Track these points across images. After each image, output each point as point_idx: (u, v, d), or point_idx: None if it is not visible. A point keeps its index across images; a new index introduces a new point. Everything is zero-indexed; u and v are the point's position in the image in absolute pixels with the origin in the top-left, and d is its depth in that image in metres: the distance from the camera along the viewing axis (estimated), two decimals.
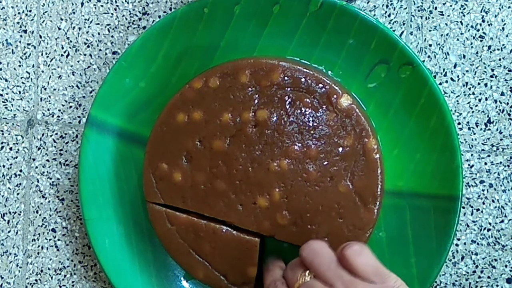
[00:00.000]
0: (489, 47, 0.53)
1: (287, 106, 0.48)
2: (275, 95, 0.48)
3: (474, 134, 0.53)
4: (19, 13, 0.57)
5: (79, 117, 0.57)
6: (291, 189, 0.48)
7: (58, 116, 0.57)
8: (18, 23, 0.57)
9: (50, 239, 0.58)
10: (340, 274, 0.41)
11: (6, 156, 0.58)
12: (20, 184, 0.58)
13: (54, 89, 0.57)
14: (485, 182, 0.54)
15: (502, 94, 0.53)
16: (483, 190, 0.54)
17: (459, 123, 0.53)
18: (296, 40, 0.51)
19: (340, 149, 0.48)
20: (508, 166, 0.53)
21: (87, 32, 0.57)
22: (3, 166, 0.58)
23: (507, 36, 0.53)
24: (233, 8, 0.51)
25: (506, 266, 0.54)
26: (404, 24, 0.54)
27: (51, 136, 0.58)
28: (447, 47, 0.53)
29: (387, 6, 0.54)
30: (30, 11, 0.57)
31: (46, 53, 0.57)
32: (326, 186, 0.48)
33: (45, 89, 0.57)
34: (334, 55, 0.51)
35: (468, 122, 0.53)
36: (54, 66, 0.57)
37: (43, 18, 0.57)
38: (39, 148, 0.58)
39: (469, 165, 0.54)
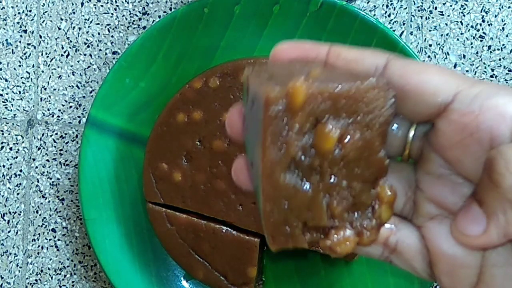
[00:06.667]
0: (489, 47, 0.53)
1: None
2: None
3: None
4: (19, 13, 0.57)
5: (79, 117, 0.57)
6: None
7: (58, 116, 0.57)
8: (18, 23, 0.57)
9: (50, 239, 0.58)
10: None
11: (6, 156, 0.58)
12: (20, 184, 0.58)
13: (54, 89, 0.57)
14: None
15: None
16: None
17: None
18: (296, 40, 0.51)
19: None
20: None
21: (87, 32, 0.57)
22: (3, 166, 0.58)
23: (507, 36, 0.53)
24: (233, 8, 0.51)
25: None
26: (404, 24, 0.54)
27: (51, 136, 0.58)
28: (447, 47, 0.53)
29: (387, 6, 0.54)
30: (30, 11, 0.57)
31: (46, 53, 0.57)
32: None
33: (45, 89, 0.57)
34: None
35: None
36: (54, 66, 0.57)
37: (43, 18, 0.57)
38: (39, 148, 0.58)
39: None
